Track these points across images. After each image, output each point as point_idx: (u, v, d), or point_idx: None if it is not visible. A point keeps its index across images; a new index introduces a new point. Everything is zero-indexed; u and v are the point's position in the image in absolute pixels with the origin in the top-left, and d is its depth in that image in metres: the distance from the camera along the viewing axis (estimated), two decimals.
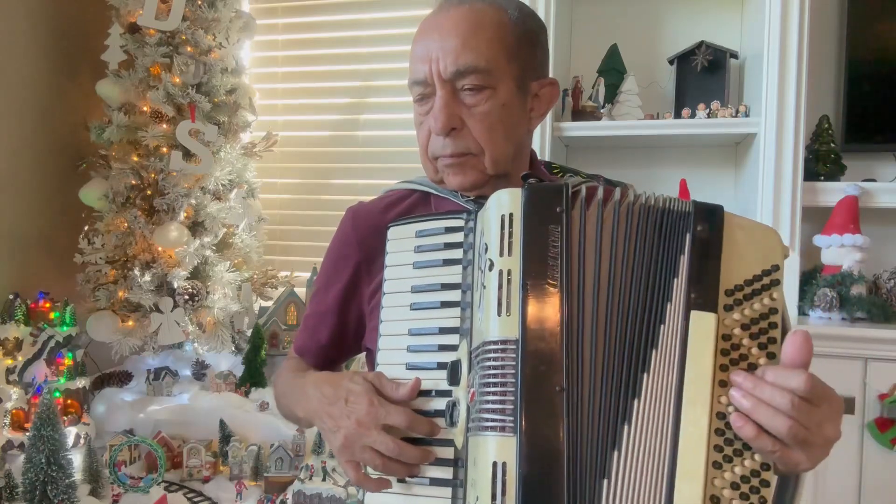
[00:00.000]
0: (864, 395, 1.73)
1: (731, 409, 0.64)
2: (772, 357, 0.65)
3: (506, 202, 0.70)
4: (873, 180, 2.05)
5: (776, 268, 0.68)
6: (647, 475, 0.64)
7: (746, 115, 2.02)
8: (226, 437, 2.11)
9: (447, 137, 0.86)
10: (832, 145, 2.07)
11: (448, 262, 0.78)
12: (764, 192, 1.96)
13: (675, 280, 0.67)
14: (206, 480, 2.07)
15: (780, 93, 1.93)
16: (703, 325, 0.66)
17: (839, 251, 1.98)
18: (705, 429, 0.64)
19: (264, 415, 2.18)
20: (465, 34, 0.84)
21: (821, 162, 2.06)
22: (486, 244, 0.71)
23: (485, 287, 0.70)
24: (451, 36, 0.84)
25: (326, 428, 0.80)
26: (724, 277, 0.67)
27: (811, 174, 2.04)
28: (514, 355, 0.65)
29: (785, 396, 0.61)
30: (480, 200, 0.81)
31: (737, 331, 0.66)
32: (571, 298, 0.67)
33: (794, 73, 1.92)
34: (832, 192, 2.01)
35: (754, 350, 0.66)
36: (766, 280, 0.67)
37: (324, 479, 1.91)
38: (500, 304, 0.67)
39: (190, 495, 2.01)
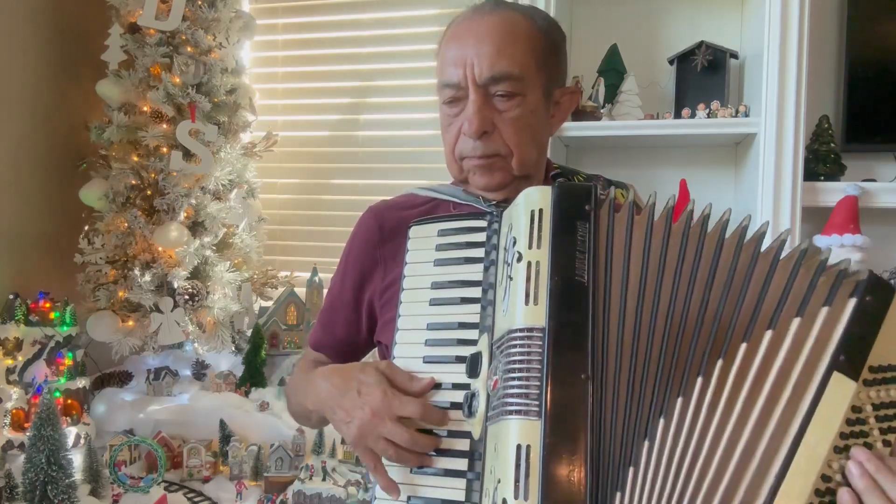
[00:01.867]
0: None
1: (838, 476, 0.64)
2: (887, 445, 0.66)
3: (536, 198, 0.73)
4: (873, 180, 2.04)
5: None
6: (712, 478, 0.64)
7: (746, 115, 2.02)
8: (226, 437, 2.11)
9: (479, 140, 0.89)
10: (832, 145, 2.07)
11: (469, 261, 0.80)
12: (764, 192, 1.96)
13: (797, 319, 0.67)
14: (206, 480, 2.07)
15: (780, 93, 1.93)
16: (842, 389, 0.65)
17: (839, 251, 1.97)
18: (811, 485, 0.64)
19: (264, 415, 2.18)
20: (501, 42, 0.87)
21: (821, 162, 2.06)
22: (514, 238, 0.73)
23: (511, 279, 0.71)
24: (486, 42, 0.87)
25: (338, 419, 0.82)
26: (874, 353, 0.67)
27: (811, 174, 2.04)
28: (540, 343, 0.67)
29: None
30: (503, 205, 0.83)
31: (868, 408, 0.66)
32: (598, 292, 0.68)
33: (794, 73, 1.92)
34: (832, 192, 2.01)
35: (875, 432, 0.66)
36: None
37: (324, 479, 1.91)
38: (527, 294, 0.69)
39: (190, 495, 2.01)
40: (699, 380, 0.66)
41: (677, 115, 2.09)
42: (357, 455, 0.81)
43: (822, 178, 2.05)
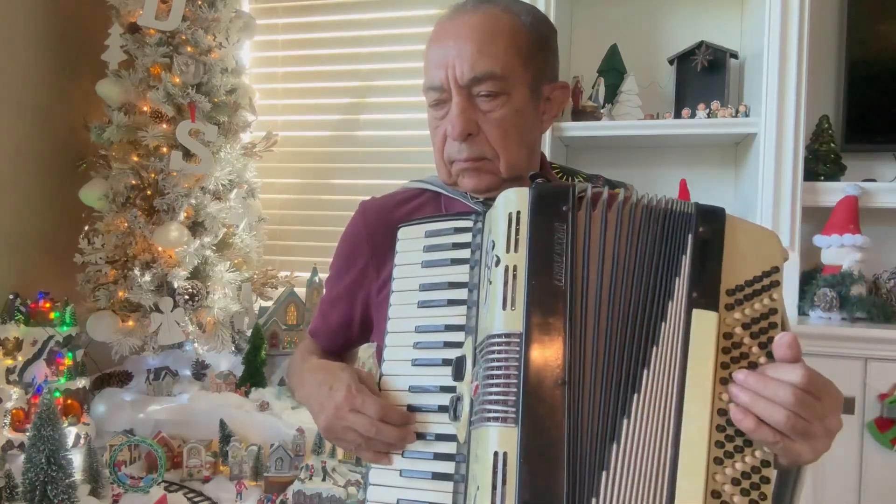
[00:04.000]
0: (864, 395, 1.73)
1: (732, 405, 0.65)
2: (772, 356, 0.67)
3: (513, 200, 0.72)
4: (873, 180, 2.04)
5: (776, 269, 0.69)
6: (647, 469, 0.65)
7: (746, 115, 2.02)
8: (226, 437, 2.11)
9: (464, 142, 0.87)
10: (832, 145, 2.07)
11: (456, 262, 0.80)
12: (764, 192, 1.96)
13: (677, 279, 0.69)
14: (206, 480, 2.07)
15: (780, 93, 1.93)
16: (705, 323, 0.67)
17: (839, 251, 1.98)
18: (706, 425, 0.64)
19: (264, 415, 2.18)
20: (482, 41, 0.85)
21: (821, 162, 2.06)
22: (493, 241, 0.72)
23: (491, 283, 0.71)
24: (467, 42, 0.85)
25: (314, 412, 0.85)
26: (726, 277, 0.68)
27: (811, 174, 2.04)
28: (517, 348, 0.67)
29: (785, 389, 0.62)
30: (489, 202, 0.83)
31: (738, 329, 0.67)
32: (575, 294, 0.68)
33: (794, 73, 1.92)
34: (832, 192, 2.01)
35: (755, 349, 0.67)
36: (766, 281, 0.68)
37: (324, 479, 1.91)
38: (505, 299, 0.68)
39: (190, 495, 2.01)
40: (645, 372, 0.67)
41: (677, 115, 2.10)
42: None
43: (822, 178, 2.05)
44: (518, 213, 0.70)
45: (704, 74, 2.10)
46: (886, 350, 1.73)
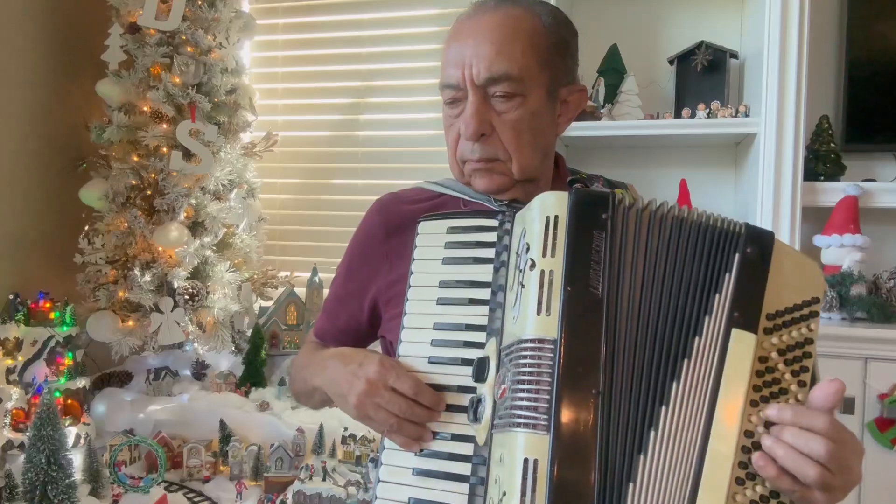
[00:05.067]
0: (864, 395, 1.73)
1: (759, 429, 0.64)
2: (802, 385, 0.66)
3: (551, 204, 0.71)
4: (873, 180, 2.04)
5: (816, 300, 0.69)
6: (670, 482, 0.64)
7: (746, 115, 2.02)
8: (226, 437, 2.11)
9: (477, 142, 0.86)
10: (832, 145, 2.07)
11: (479, 261, 0.79)
12: (764, 192, 1.96)
13: (717, 296, 0.68)
14: (206, 480, 2.07)
15: (780, 93, 1.93)
16: (743, 344, 0.66)
17: (839, 251, 1.98)
18: (733, 445, 0.64)
19: (264, 415, 2.18)
20: (500, 41, 0.84)
21: (821, 162, 2.06)
22: (527, 244, 0.71)
23: (523, 286, 0.70)
24: (485, 42, 0.84)
25: (342, 392, 0.81)
26: (768, 301, 0.68)
27: (811, 174, 2.04)
28: (551, 354, 0.66)
29: (819, 443, 0.61)
30: (515, 205, 0.81)
31: (773, 354, 0.67)
32: (611, 304, 0.67)
33: (794, 73, 1.92)
34: (832, 192, 2.01)
35: (787, 376, 0.67)
36: (806, 310, 0.68)
37: (324, 479, 1.91)
38: (539, 304, 0.67)
39: (190, 495, 2.01)
40: (674, 385, 0.66)
41: (677, 115, 2.09)
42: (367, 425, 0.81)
43: (822, 178, 2.05)
44: (556, 217, 0.69)
45: (704, 74, 2.10)
46: (886, 350, 1.73)
